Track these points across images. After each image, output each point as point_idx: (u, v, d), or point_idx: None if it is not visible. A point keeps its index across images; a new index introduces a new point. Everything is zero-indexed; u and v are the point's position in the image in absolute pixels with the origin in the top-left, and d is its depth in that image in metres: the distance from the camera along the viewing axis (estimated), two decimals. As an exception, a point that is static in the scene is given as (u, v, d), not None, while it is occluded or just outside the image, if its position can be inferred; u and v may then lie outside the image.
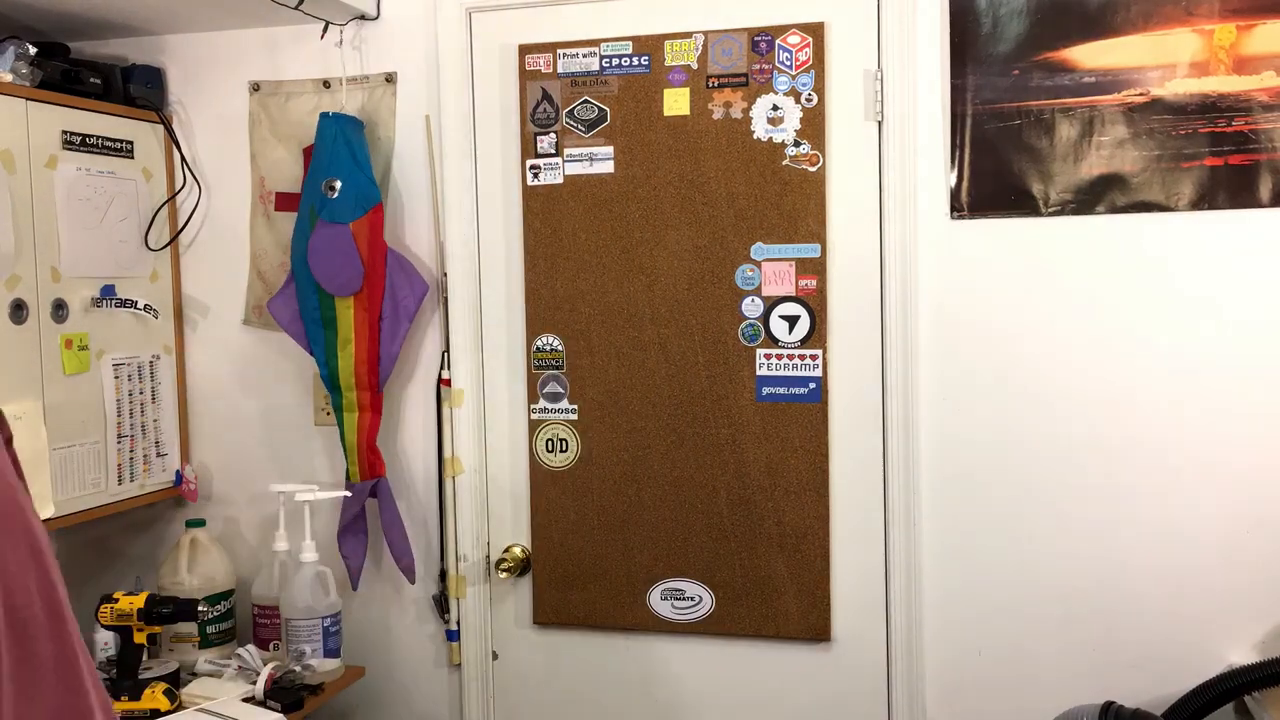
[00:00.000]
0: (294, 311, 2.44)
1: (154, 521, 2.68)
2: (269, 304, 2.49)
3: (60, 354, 2.26)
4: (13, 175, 2.15)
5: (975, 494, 2.22)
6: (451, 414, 2.45)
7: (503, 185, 2.40)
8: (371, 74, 2.48)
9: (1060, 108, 2.13)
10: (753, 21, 2.25)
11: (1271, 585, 2.10)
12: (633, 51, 2.31)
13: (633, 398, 2.34)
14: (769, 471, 2.28)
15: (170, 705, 2.13)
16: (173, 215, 2.59)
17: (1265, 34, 2.05)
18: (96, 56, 2.56)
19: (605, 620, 2.38)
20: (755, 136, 2.26)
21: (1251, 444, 2.10)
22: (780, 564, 2.29)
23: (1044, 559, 2.20)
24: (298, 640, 2.35)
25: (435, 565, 2.50)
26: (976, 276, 2.20)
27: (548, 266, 2.37)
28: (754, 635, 2.33)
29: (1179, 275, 2.12)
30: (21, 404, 2.15)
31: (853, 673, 2.29)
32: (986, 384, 2.21)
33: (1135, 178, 2.12)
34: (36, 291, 2.21)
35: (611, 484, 2.36)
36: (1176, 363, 2.12)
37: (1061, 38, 2.13)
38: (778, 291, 2.27)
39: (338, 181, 2.35)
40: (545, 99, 2.36)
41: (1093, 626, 2.18)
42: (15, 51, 2.19)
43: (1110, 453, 2.15)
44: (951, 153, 2.19)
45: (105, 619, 2.17)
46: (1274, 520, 2.10)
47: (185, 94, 2.60)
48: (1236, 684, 1.97)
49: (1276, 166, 2.06)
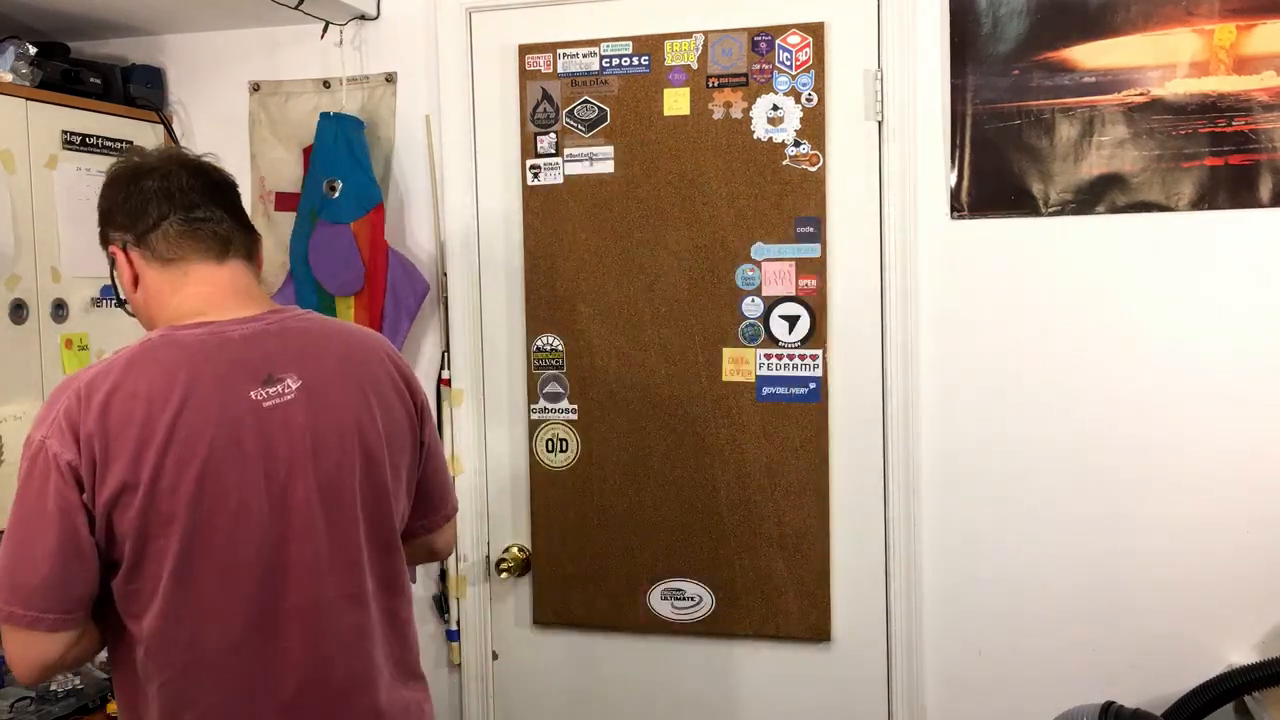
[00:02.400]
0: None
1: (154, 521, 2.67)
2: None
3: (60, 354, 2.26)
4: (13, 175, 2.15)
5: (975, 494, 2.22)
6: (451, 414, 2.45)
7: (503, 185, 2.40)
8: (371, 74, 2.48)
9: (1060, 108, 2.13)
10: (753, 21, 2.25)
11: (1271, 585, 2.10)
12: (633, 51, 2.31)
13: (633, 398, 2.34)
14: (769, 471, 2.28)
15: (170, 705, 2.13)
16: (173, 215, 2.58)
17: (1265, 34, 2.05)
18: (96, 56, 2.56)
19: (605, 620, 2.38)
20: (755, 136, 2.26)
21: (1252, 444, 2.09)
22: (780, 564, 2.29)
23: (1044, 559, 2.20)
24: (298, 640, 2.35)
25: (435, 565, 2.50)
26: (976, 276, 2.20)
27: (548, 266, 2.37)
28: (754, 635, 2.33)
29: (1179, 275, 2.12)
30: (21, 404, 2.15)
31: (853, 673, 2.29)
32: (986, 384, 2.21)
33: (1135, 178, 2.12)
34: (36, 291, 2.21)
35: (611, 484, 2.36)
36: (1176, 362, 2.12)
37: (1061, 38, 2.13)
38: (778, 291, 2.27)
39: (339, 181, 2.35)
40: (545, 99, 2.36)
41: (1093, 626, 2.18)
42: (15, 51, 2.19)
43: (1110, 452, 2.15)
44: (951, 153, 2.19)
45: (105, 619, 2.16)
46: (1274, 520, 2.09)
47: (185, 94, 2.60)
48: (1236, 684, 1.97)
49: (1276, 166, 2.06)
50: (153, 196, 1.54)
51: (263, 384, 1.48)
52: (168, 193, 1.54)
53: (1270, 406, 2.09)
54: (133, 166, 1.58)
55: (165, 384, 1.43)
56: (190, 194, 1.55)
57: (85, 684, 2.20)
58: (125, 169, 1.58)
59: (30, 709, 2.10)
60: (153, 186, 1.54)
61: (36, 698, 2.14)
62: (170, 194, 1.54)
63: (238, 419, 1.45)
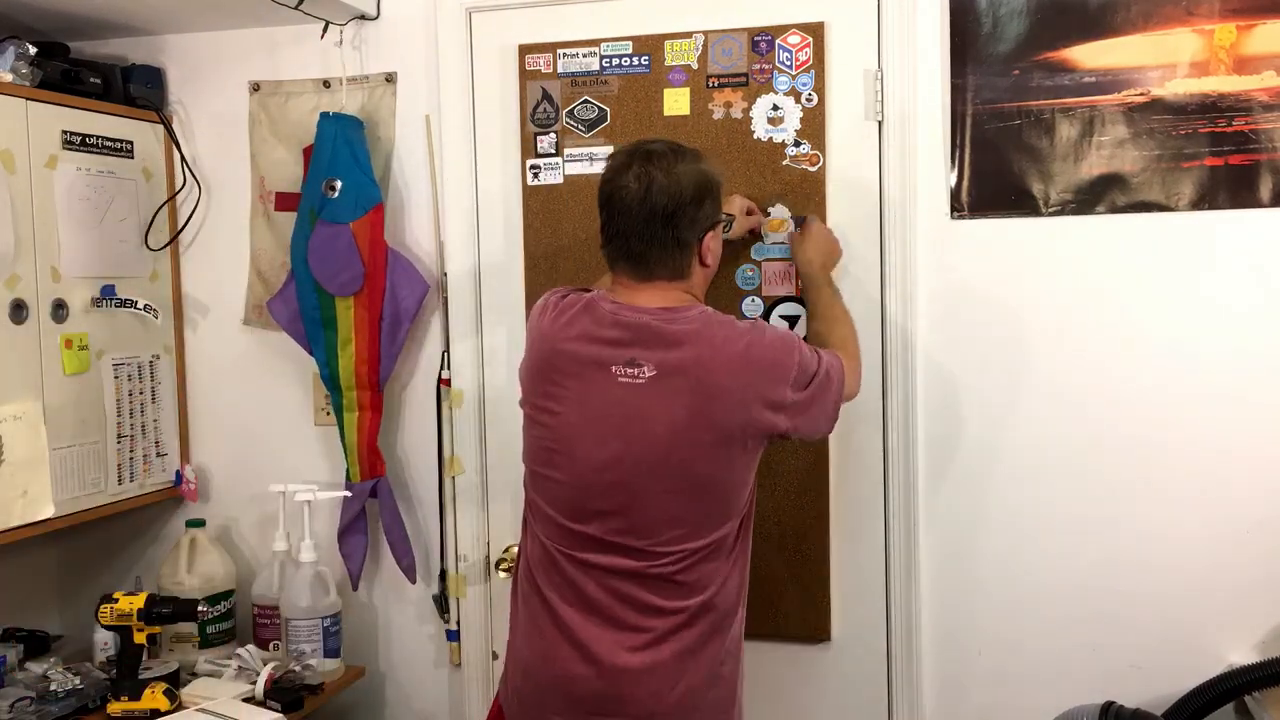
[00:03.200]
0: (294, 311, 2.44)
1: (154, 521, 2.68)
2: (269, 304, 2.49)
3: (60, 354, 2.26)
4: (13, 175, 2.15)
5: (975, 494, 2.22)
6: (451, 414, 2.45)
7: (503, 185, 2.40)
8: (371, 74, 2.48)
9: (1060, 108, 2.13)
10: (753, 21, 2.25)
11: (1271, 585, 2.10)
12: (633, 51, 2.31)
13: (633, 398, 2.34)
14: (769, 472, 2.28)
15: (170, 705, 2.13)
16: (173, 215, 2.59)
17: (1265, 34, 2.05)
18: (96, 56, 2.56)
19: (605, 620, 2.38)
20: (755, 136, 2.26)
21: (1252, 444, 2.09)
22: (780, 564, 2.29)
23: (1044, 559, 2.20)
24: (298, 640, 2.35)
25: (435, 565, 2.50)
26: (976, 276, 2.20)
27: (548, 266, 2.37)
28: (754, 635, 2.32)
29: (1179, 275, 2.12)
30: (21, 404, 2.15)
31: (853, 673, 2.29)
32: (986, 384, 2.20)
33: (1135, 177, 2.11)
34: (36, 291, 2.21)
35: (611, 484, 2.36)
36: (1177, 362, 2.12)
37: (1061, 38, 2.13)
38: (778, 291, 2.27)
39: (338, 181, 2.35)
40: (545, 99, 2.36)
41: (1093, 626, 2.18)
42: (15, 51, 2.19)
43: (1110, 452, 2.15)
44: (951, 152, 2.19)
45: (105, 619, 2.16)
46: (1274, 520, 2.09)
47: (185, 94, 2.60)
48: (1236, 684, 1.97)
49: (1276, 166, 2.06)
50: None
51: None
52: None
53: (1270, 407, 2.08)
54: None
55: None
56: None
57: (85, 684, 2.20)
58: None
59: (30, 709, 2.10)
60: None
61: (36, 698, 2.14)
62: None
63: None
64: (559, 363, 1.82)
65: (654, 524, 1.77)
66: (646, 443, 1.75)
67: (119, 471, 2.42)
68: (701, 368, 1.74)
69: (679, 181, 1.76)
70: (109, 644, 2.36)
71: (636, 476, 1.76)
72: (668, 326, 1.77)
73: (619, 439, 1.76)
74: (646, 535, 1.77)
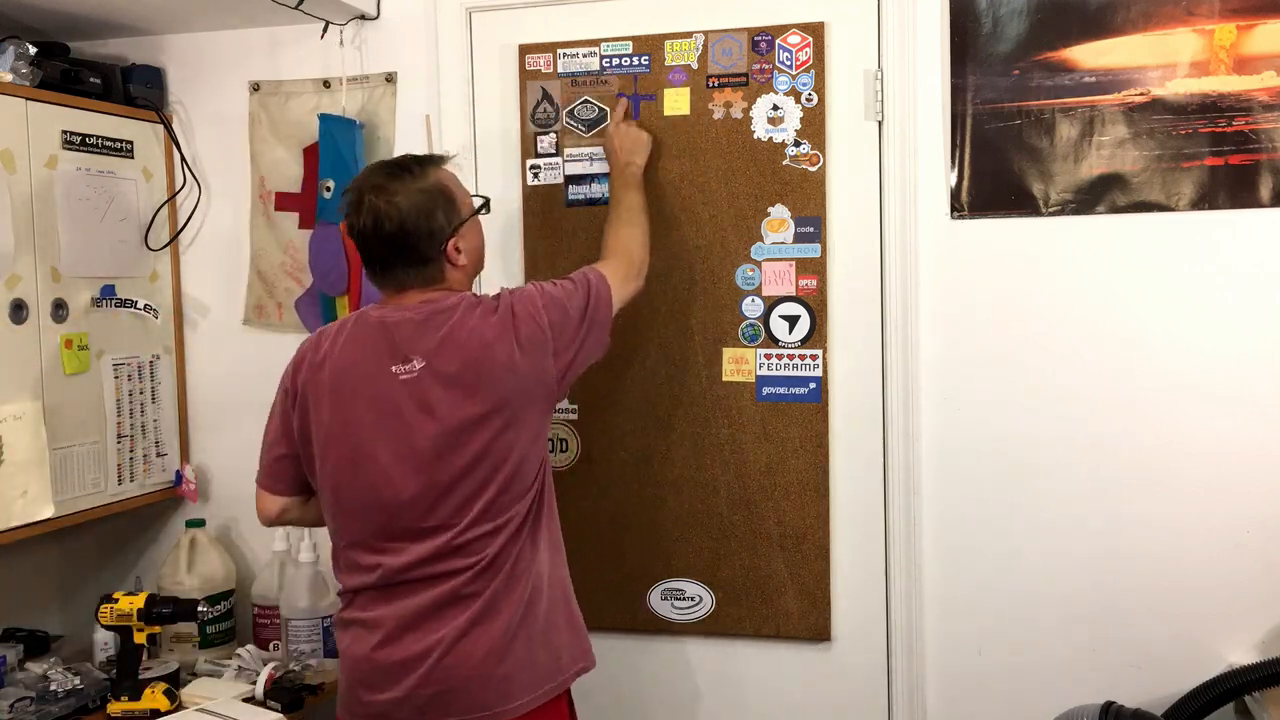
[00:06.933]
0: (315, 312, 2.46)
1: (154, 521, 2.67)
2: (296, 303, 2.51)
3: (60, 354, 2.26)
4: (13, 175, 2.15)
5: (975, 494, 2.22)
6: (451, 414, 2.45)
7: (503, 185, 2.40)
8: (371, 74, 2.47)
9: (1060, 108, 2.13)
10: (753, 21, 2.25)
11: (1271, 585, 2.10)
12: (633, 51, 2.31)
13: (633, 398, 2.34)
14: (769, 471, 2.28)
15: (170, 705, 2.13)
16: (173, 215, 2.59)
17: (1265, 34, 2.05)
18: (96, 56, 2.56)
19: (605, 620, 2.37)
20: (755, 136, 2.26)
21: (1252, 444, 2.09)
22: (780, 564, 2.29)
23: (1044, 559, 2.19)
24: (298, 640, 2.35)
25: (435, 565, 2.50)
26: (976, 276, 2.20)
27: (548, 266, 2.37)
28: (754, 635, 2.33)
29: (1179, 275, 2.12)
30: (21, 404, 2.15)
31: (853, 672, 2.29)
32: (986, 384, 2.20)
33: (1135, 177, 2.12)
34: (36, 291, 2.21)
35: (611, 484, 2.36)
36: (1177, 362, 2.12)
37: (1061, 38, 2.13)
38: (778, 291, 2.27)
39: (331, 181, 2.37)
40: (545, 99, 2.36)
41: (1093, 626, 2.18)
42: (15, 51, 2.19)
43: (1110, 452, 2.15)
44: (951, 152, 2.19)
45: (105, 619, 2.16)
46: (1274, 520, 2.09)
47: (185, 94, 2.60)
48: (1236, 684, 1.97)
49: (1277, 166, 2.06)
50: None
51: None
52: None
53: (1270, 407, 2.08)
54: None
55: None
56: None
57: (85, 684, 2.20)
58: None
59: (30, 709, 2.10)
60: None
61: (36, 698, 2.14)
62: None
63: None
64: (345, 382, 1.86)
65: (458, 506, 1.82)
66: (433, 431, 1.80)
67: (119, 471, 2.42)
68: (464, 349, 1.80)
69: (399, 208, 1.81)
70: (109, 644, 2.36)
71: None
72: (430, 319, 1.82)
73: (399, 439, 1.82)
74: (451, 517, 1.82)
